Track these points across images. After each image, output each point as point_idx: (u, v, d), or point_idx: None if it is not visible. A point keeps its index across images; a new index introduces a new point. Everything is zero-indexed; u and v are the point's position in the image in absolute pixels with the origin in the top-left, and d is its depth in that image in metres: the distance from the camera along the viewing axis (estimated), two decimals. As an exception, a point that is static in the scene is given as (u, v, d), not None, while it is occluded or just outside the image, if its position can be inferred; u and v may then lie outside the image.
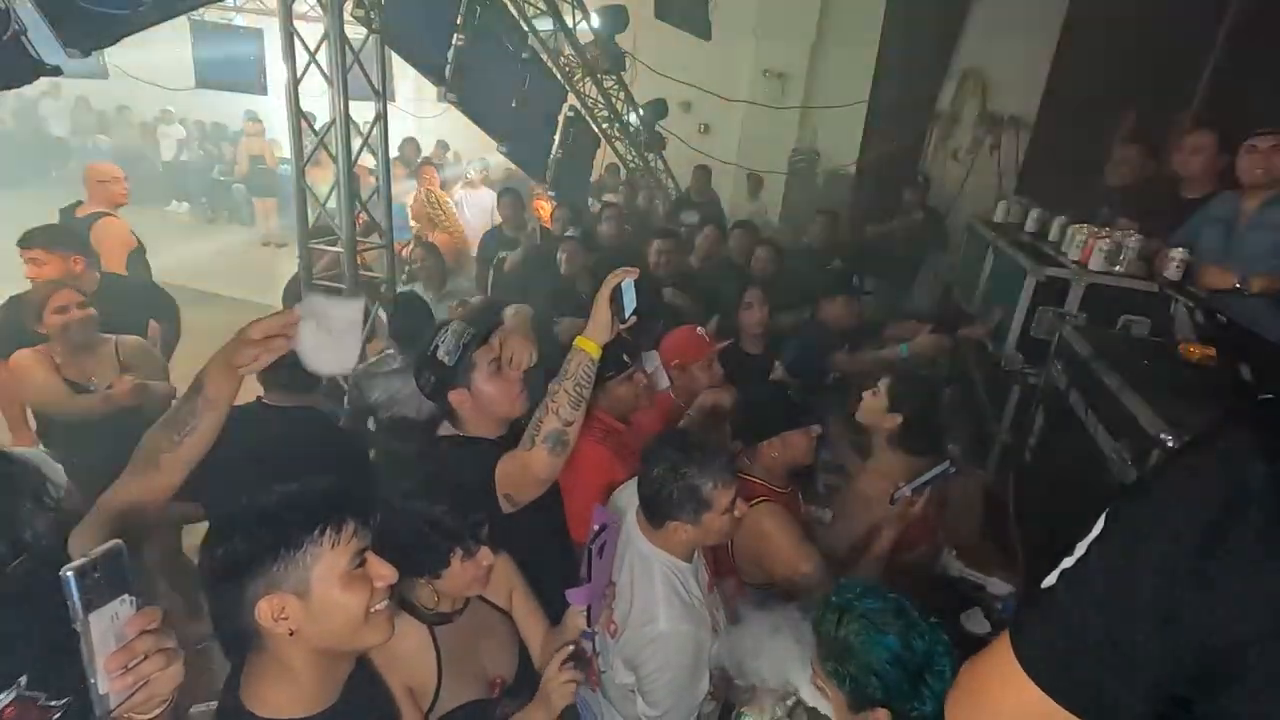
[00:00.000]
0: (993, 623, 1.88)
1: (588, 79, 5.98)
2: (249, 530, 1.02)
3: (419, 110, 10.15)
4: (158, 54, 10.25)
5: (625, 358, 2.11)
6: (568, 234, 4.18)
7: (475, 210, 6.35)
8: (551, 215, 5.35)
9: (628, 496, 1.68)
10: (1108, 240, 2.79)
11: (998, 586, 2.01)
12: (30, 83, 1.98)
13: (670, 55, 7.49)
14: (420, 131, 9.23)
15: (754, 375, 2.70)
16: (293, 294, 3.63)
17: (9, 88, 1.91)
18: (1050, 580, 0.65)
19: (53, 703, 1.07)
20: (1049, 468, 2.49)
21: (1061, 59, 5.17)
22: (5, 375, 2.58)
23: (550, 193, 5.74)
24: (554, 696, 1.37)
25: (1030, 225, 3.56)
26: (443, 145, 9.07)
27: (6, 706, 1.04)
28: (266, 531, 1.01)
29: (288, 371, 2.05)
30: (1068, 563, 0.64)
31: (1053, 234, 3.28)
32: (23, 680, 1.06)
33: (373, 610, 1.06)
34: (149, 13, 2.05)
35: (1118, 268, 2.77)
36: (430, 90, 8.45)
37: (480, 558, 1.37)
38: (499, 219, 5.34)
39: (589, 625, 1.45)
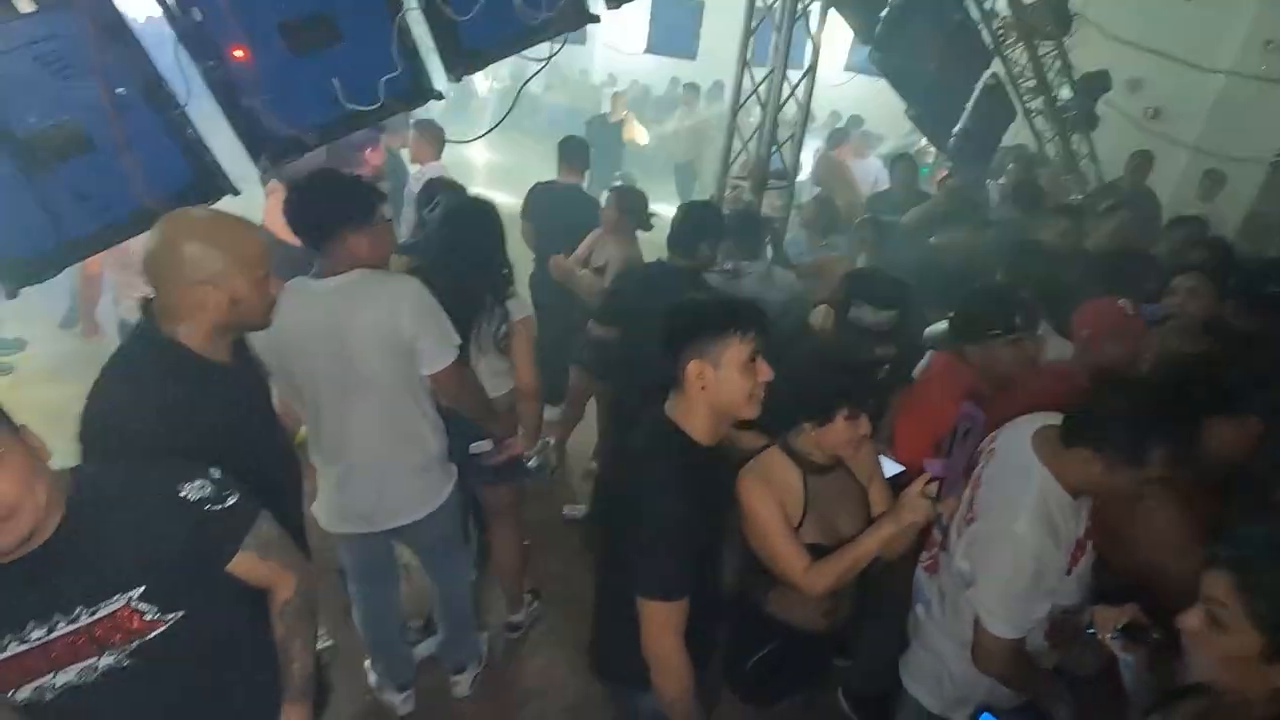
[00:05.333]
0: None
1: (1020, 44, 5.47)
2: (695, 313, 1.45)
3: (823, 80, 10.37)
4: (622, 22, 12.09)
5: (1017, 319, 2.03)
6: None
7: (860, 178, 6.43)
8: (941, 183, 5.14)
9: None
10: None
11: None
12: (420, 106, 2.40)
13: (1129, 17, 6.36)
14: (821, 102, 9.43)
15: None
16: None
17: (406, 110, 2.37)
18: None
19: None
20: None
21: None
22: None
23: (948, 164, 5.50)
24: (905, 510, 1.54)
25: None
26: (836, 116, 9.08)
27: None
28: (705, 317, 1.44)
29: None
30: None
31: None
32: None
33: (752, 394, 1.43)
34: (508, 45, 2.42)
35: None
36: (836, 61, 8.48)
37: (860, 424, 1.60)
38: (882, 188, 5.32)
39: (935, 495, 1.54)
